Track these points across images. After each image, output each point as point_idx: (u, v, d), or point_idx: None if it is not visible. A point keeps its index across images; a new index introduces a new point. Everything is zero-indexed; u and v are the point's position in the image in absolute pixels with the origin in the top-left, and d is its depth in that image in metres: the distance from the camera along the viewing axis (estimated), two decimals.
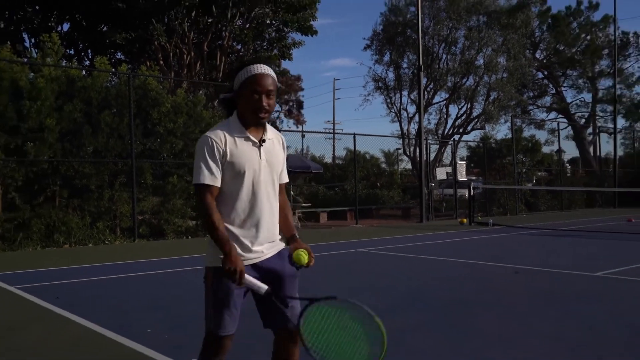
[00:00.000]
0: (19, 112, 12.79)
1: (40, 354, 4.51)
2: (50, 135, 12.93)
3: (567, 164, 33.21)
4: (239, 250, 2.68)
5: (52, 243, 12.59)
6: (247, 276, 2.60)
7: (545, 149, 32.20)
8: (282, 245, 2.89)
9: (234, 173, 2.69)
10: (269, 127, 2.85)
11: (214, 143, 2.66)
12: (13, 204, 12.77)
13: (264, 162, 2.76)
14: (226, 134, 2.70)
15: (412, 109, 26.49)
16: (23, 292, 7.07)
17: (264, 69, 2.73)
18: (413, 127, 25.84)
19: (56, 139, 13.08)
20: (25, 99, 12.86)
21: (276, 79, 2.79)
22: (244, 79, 2.70)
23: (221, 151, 2.66)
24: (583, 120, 37.29)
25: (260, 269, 2.76)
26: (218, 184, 2.67)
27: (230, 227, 2.71)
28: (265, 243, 2.78)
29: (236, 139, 2.71)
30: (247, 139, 2.73)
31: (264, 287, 2.65)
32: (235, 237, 2.70)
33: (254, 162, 2.72)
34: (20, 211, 12.73)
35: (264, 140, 2.78)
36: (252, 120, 2.75)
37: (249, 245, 2.73)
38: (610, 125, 31.72)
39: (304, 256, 2.67)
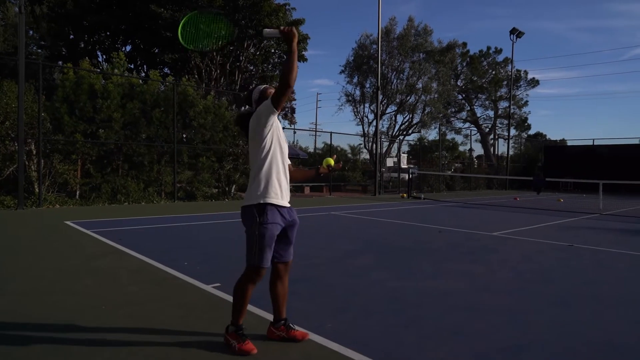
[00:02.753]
0: (94, 107, 12.51)
1: (112, 274, 4.46)
2: (116, 124, 12.68)
3: (475, 159, 33.52)
4: (280, 199, 2.69)
5: (116, 201, 12.40)
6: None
7: (461, 148, 32.60)
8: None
9: (278, 143, 2.73)
10: None
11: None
12: (89, 173, 12.51)
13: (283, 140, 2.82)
14: None
15: (371, 116, 26.25)
16: (96, 234, 6.98)
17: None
18: (371, 129, 25.69)
19: (120, 128, 12.82)
20: (99, 98, 12.59)
21: None
22: (261, 90, 2.84)
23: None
24: (487, 129, 37.53)
25: (289, 214, 2.77)
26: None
27: (278, 181, 2.70)
28: (288, 197, 2.79)
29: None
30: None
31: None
32: (280, 188, 2.70)
33: (284, 138, 2.80)
34: (93, 178, 12.49)
35: None
36: None
37: (285, 196, 2.74)
38: (506, 133, 32.13)
39: (331, 160, 2.74)
